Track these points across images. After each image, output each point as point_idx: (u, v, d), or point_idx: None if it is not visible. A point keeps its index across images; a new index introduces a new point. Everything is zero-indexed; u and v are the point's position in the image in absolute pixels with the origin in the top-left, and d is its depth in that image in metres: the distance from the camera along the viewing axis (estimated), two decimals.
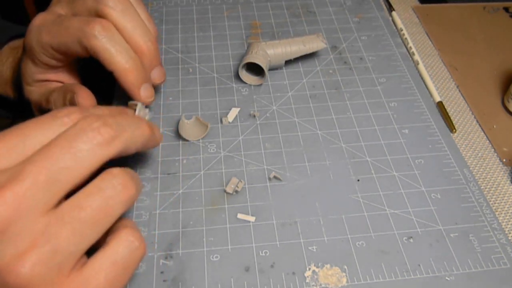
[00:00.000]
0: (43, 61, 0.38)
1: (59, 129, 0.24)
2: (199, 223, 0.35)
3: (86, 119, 0.24)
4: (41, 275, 0.21)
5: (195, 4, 0.56)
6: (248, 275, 0.33)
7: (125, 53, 0.35)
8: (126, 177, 0.24)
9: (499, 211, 0.37)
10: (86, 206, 0.23)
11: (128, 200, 0.24)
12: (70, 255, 0.22)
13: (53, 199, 0.22)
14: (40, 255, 0.21)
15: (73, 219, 0.22)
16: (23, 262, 0.21)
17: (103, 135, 0.24)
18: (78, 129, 0.23)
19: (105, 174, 0.24)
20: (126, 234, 0.24)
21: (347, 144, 0.41)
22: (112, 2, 0.36)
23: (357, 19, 0.54)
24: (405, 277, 0.33)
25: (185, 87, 0.46)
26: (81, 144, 0.23)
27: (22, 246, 0.21)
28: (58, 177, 0.22)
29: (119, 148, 0.25)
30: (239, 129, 0.42)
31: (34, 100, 0.41)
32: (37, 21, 0.37)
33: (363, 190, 0.38)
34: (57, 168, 0.22)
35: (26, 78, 0.40)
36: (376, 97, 0.45)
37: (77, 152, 0.23)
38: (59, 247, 0.22)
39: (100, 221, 0.23)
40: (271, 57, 0.45)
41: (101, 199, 0.23)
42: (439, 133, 0.42)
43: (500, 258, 0.34)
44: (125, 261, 0.24)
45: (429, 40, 0.53)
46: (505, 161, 0.41)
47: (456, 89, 0.48)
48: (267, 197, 0.37)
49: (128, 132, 0.26)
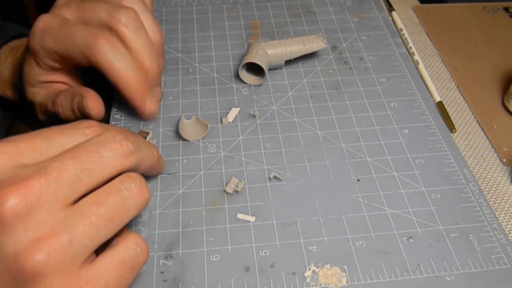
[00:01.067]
0: (47, 63, 0.38)
1: (80, 138, 0.26)
2: (199, 223, 0.35)
3: (111, 131, 0.26)
4: (55, 263, 0.22)
5: (195, 4, 0.56)
6: (248, 275, 0.33)
7: (130, 68, 0.36)
8: (142, 182, 0.26)
9: (499, 211, 0.37)
10: (104, 203, 0.24)
11: (142, 203, 0.26)
12: (85, 248, 0.23)
13: (73, 195, 0.24)
14: (56, 243, 0.22)
15: (91, 213, 0.24)
16: (40, 248, 0.22)
17: (123, 147, 0.26)
18: (103, 138, 0.25)
19: (125, 176, 0.26)
20: (134, 237, 0.26)
21: (347, 144, 0.41)
22: (125, 19, 0.36)
23: (357, 19, 0.54)
24: (405, 277, 0.33)
25: (185, 87, 0.46)
26: (104, 151, 0.25)
27: (41, 233, 0.22)
28: (81, 176, 0.24)
29: (135, 162, 0.27)
30: (239, 129, 0.42)
31: (39, 102, 0.41)
32: (41, 23, 0.36)
33: (363, 190, 0.38)
34: (81, 168, 0.24)
35: (29, 80, 0.40)
36: (376, 97, 0.45)
37: (100, 158, 0.25)
38: (75, 238, 0.23)
39: (116, 219, 0.24)
40: (271, 57, 0.45)
41: (119, 199, 0.25)
42: (439, 133, 0.42)
43: (500, 258, 0.34)
44: (132, 261, 0.25)
45: (429, 40, 0.53)
46: (505, 161, 0.41)
47: (456, 89, 0.48)
48: (267, 197, 0.37)
49: (143, 151, 0.28)
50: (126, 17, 0.36)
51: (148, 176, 0.36)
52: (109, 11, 0.36)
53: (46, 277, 0.22)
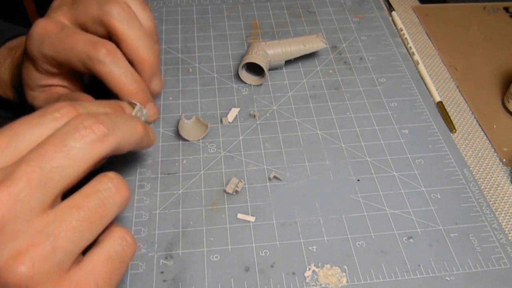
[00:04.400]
0: (45, 69, 0.38)
1: (50, 124, 0.24)
2: (199, 223, 0.35)
3: (79, 117, 0.24)
4: (41, 273, 0.21)
5: (195, 4, 0.56)
6: (248, 275, 0.33)
7: (129, 77, 0.36)
8: (120, 181, 0.25)
9: (499, 211, 0.37)
10: (84, 206, 0.23)
11: (122, 201, 0.25)
12: (69, 253, 0.23)
13: (48, 198, 0.22)
14: (39, 252, 0.21)
15: (71, 217, 0.23)
16: (22, 260, 0.21)
17: (95, 132, 0.24)
18: (70, 126, 0.23)
19: (101, 176, 0.25)
20: (119, 231, 0.25)
21: (347, 144, 0.41)
22: (117, 12, 0.36)
23: (357, 19, 0.54)
24: (405, 277, 0.33)
25: (185, 87, 0.46)
26: (73, 142, 0.23)
27: (20, 245, 0.21)
28: (51, 176, 0.22)
29: (112, 146, 0.25)
30: (239, 129, 0.42)
31: (39, 106, 0.41)
32: (38, 29, 0.36)
33: (363, 190, 0.38)
34: (50, 167, 0.22)
35: (28, 83, 0.40)
36: (376, 97, 0.45)
37: (70, 150, 0.23)
38: (58, 244, 0.22)
39: (97, 220, 0.24)
40: (271, 57, 0.45)
41: (98, 200, 0.24)
42: (439, 133, 0.42)
43: (500, 258, 0.34)
44: (120, 256, 0.25)
45: (429, 40, 0.53)
46: (505, 161, 0.41)
47: (456, 89, 0.48)
48: (267, 197, 0.37)
49: (121, 130, 0.26)
50: (117, 10, 0.36)
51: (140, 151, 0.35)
52: (100, 6, 0.36)
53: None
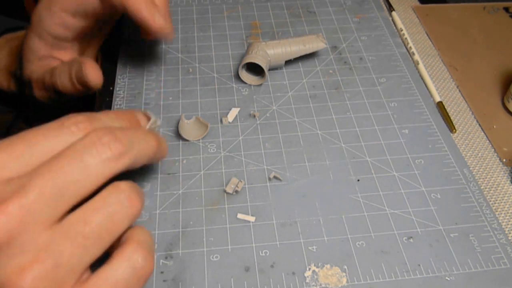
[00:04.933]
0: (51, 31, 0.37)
1: (66, 138, 0.23)
2: (199, 223, 0.35)
3: (96, 132, 0.23)
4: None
5: (195, 4, 0.56)
6: (248, 275, 0.33)
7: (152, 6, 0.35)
8: (133, 193, 0.24)
9: (499, 211, 0.37)
10: (91, 221, 0.22)
11: (133, 215, 0.24)
12: (72, 270, 0.22)
13: (58, 213, 0.22)
14: (42, 269, 0.21)
15: (77, 233, 0.22)
16: (25, 276, 0.21)
17: (112, 150, 0.23)
18: (87, 142, 0.23)
19: (112, 188, 0.23)
20: (131, 252, 0.23)
21: (347, 144, 0.41)
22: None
23: (357, 19, 0.54)
24: (405, 277, 0.33)
25: (185, 87, 0.46)
26: (90, 158, 0.22)
27: (25, 259, 0.21)
28: (64, 190, 0.22)
29: (127, 164, 0.24)
30: (239, 129, 0.42)
31: (36, 78, 0.40)
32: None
33: (363, 190, 0.38)
34: (64, 182, 0.22)
35: (28, 56, 0.39)
36: (376, 97, 0.45)
37: (86, 166, 0.22)
38: (62, 262, 0.21)
39: (104, 236, 0.23)
40: (271, 57, 0.45)
41: (107, 214, 0.23)
42: (439, 133, 0.42)
43: (500, 258, 0.34)
44: (127, 281, 0.23)
45: (429, 40, 0.53)
46: (505, 161, 0.41)
47: (456, 89, 0.48)
48: (267, 197, 0.37)
49: (136, 148, 0.25)
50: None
51: None
52: None
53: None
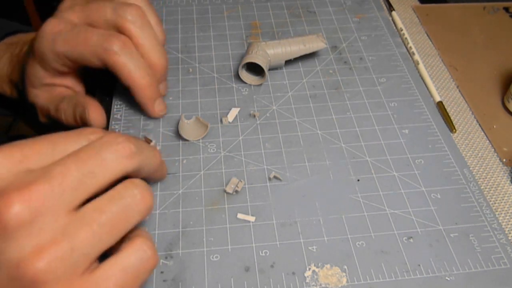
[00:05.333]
0: (54, 67, 0.38)
1: (84, 143, 0.26)
2: (199, 223, 0.35)
3: (112, 134, 0.26)
4: (56, 272, 0.22)
5: (195, 4, 0.56)
6: (248, 275, 0.33)
7: (143, 70, 0.38)
8: (146, 188, 0.26)
9: (499, 211, 0.37)
10: (107, 210, 0.24)
11: (145, 210, 0.25)
12: (86, 256, 0.23)
13: (77, 200, 0.23)
14: (58, 252, 0.22)
15: (93, 221, 0.23)
16: (41, 256, 0.22)
17: (126, 149, 0.25)
18: (105, 141, 0.25)
19: (128, 182, 0.25)
20: (140, 243, 0.25)
21: (347, 144, 0.41)
22: (131, 16, 0.37)
23: (357, 19, 0.54)
24: (405, 277, 0.33)
25: (185, 87, 0.46)
26: (107, 153, 0.25)
27: (43, 241, 0.22)
28: (83, 180, 0.23)
29: (137, 165, 0.26)
30: (239, 129, 0.42)
31: (40, 105, 0.42)
32: (49, 27, 0.37)
33: (363, 190, 0.38)
34: (84, 172, 0.23)
35: (32, 81, 0.40)
36: (376, 97, 0.45)
37: (102, 160, 0.24)
38: (77, 246, 0.23)
39: (118, 226, 0.24)
40: (271, 57, 0.45)
41: (121, 206, 0.24)
42: (439, 133, 0.42)
43: (500, 258, 0.34)
44: (135, 269, 0.25)
45: (429, 40, 0.53)
46: (505, 161, 0.41)
47: (456, 89, 0.48)
48: (267, 197, 0.37)
49: (145, 153, 0.27)
50: (132, 14, 0.37)
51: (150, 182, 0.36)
52: (115, 9, 0.37)
53: (46, 285, 0.22)
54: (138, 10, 0.37)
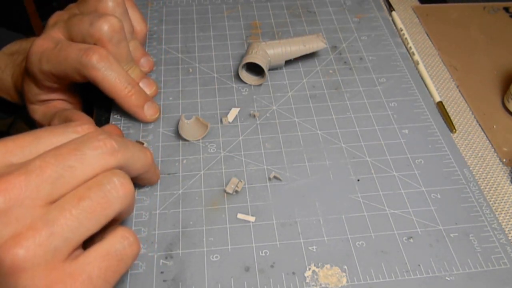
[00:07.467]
0: (45, 84, 0.39)
1: (71, 135, 0.26)
2: (199, 223, 0.35)
3: (95, 132, 0.27)
4: (35, 257, 0.22)
5: (195, 4, 0.56)
6: (248, 275, 0.33)
7: (123, 80, 0.38)
8: (124, 176, 0.26)
9: (499, 211, 0.37)
10: (86, 197, 0.24)
11: (126, 197, 0.26)
12: (66, 241, 0.23)
13: (55, 193, 0.24)
14: (36, 237, 0.22)
15: (72, 206, 0.24)
16: (20, 243, 0.22)
17: (107, 146, 0.26)
18: (86, 137, 0.26)
19: (107, 172, 0.26)
20: (122, 230, 0.26)
21: (347, 144, 0.41)
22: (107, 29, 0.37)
23: (357, 19, 0.54)
24: (405, 277, 0.33)
25: (185, 87, 0.46)
26: (87, 149, 0.25)
27: (21, 228, 0.22)
28: (63, 173, 0.24)
29: (120, 161, 0.27)
30: (239, 129, 0.42)
31: (38, 119, 0.43)
32: (35, 47, 0.37)
33: (363, 190, 0.38)
34: (63, 166, 0.24)
35: (29, 98, 0.41)
36: (376, 97, 0.45)
37: (83, 155, 0.25)
38: (56, 231, 0.23)
39: (98, 211, 0.24)
40: (271, 57, 0.45)
41: (100, 192, 0.25)
42: (439, 133, 0.42)
43: (500, 258, 0.34)
44: (119, 253, 0.25)
45: (429, 40, 0.53)
46: (505, 161, 0.41)
47: (456, 89, 0.48)
48: (267, 197, 0.37)
49: (130, 151, 0.28)
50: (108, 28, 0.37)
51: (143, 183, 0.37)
52: (91, 21, 0.37)
53: (26, 271, 0.22)
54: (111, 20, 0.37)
